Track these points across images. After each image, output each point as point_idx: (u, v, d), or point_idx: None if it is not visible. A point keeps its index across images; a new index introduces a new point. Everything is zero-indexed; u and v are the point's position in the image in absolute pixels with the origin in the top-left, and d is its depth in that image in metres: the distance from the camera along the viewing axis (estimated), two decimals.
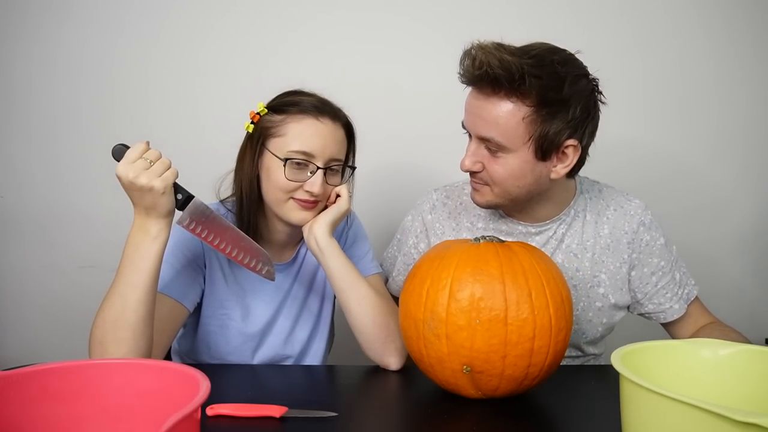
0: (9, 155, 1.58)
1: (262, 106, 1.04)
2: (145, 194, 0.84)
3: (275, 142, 1.00)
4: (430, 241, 1.17)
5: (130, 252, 0.87)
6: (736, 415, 0.45)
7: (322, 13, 1.56)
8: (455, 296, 0.81)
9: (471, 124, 0.99)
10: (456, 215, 1.17)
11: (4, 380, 0.56)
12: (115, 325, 0.85)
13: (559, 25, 1.54)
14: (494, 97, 0.94)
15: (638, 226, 1.10)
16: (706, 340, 0.69)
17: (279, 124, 1.00)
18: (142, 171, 0.83)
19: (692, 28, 1.60)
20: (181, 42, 1.57)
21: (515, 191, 1.01)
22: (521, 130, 0.95)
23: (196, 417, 0.50)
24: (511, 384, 0.83)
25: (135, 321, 0.85)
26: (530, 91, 0.92)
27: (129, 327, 0.85)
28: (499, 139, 0.95)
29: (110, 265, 1.58)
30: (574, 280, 1.09)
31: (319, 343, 1.14)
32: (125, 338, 0.85)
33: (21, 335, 1.62)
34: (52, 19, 1.55)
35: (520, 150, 0.96)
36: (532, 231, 1.11)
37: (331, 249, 1.01)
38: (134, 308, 0.85)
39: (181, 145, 1.38)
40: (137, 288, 0.86)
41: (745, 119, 1.63)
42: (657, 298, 1.11)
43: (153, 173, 0.83)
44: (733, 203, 1.65)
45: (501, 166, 0.98)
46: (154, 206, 0.85)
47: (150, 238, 0.86)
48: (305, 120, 1.00)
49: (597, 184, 1.18)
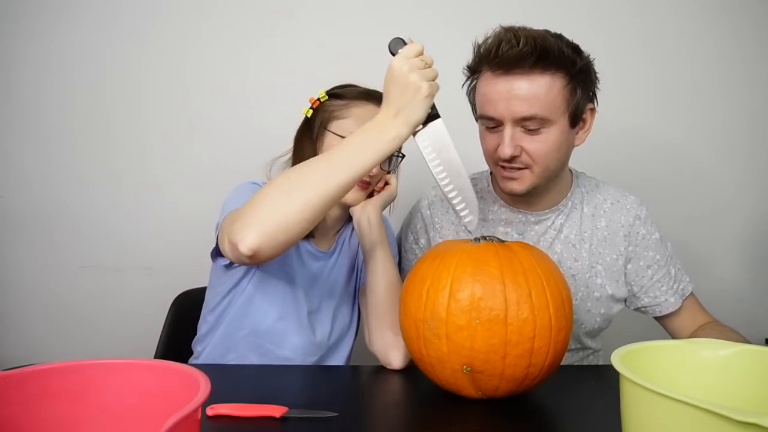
0: (9, 155, 1.58)
1: (324, 92, 1.13)
2: (408, 91, 0.82)
3: (338, 124, 1.08)
4: (430, 235, 1.19)
5: (357, 140, 0.83)
6: (736, 415, 0.45)
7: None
8: (455, 296, 0.81)
9: (505, 109, 0.99)
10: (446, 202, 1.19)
11: (5, 380, 0.56)
12: (293, 191, 0.81)
13: (566, 22, 1.54)
14: (532, 75, 0.98)
15: (634, 219, 1.13)
16: (706, 340, 0.68)
17: (342, 108, 1.09)
18: (416, 69, 0.82)
19: (697, 27, 1.60)
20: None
21: (554, 165, 1.04)
22: (560, 101, 0.99)
23: (196, 417, 0.50)
24: (511, 384, 0.83)
25: (307, 204, 0.80)
26: (563, 62, 0.98)
27: (301, 204, 0.80)
28: (542, 114, 0.98)
29: (110, 265, 1.61)
30: (573, 270, 1.11)
31: (351, 334, 1.19)
32: (291, 210, 0.80)
33: (21, 335, 1.62)
34: (52, 19, 1.56)
35: (559, 121, 1.00)
36: (532, 220, 1.14)
37: (380, 229, 1.08)
38: (320, 193, 0.81)
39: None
40: (340, 174, 0.81)
41: (748, 118, 1.63)
42: (653, 291, 1.13)
43: (425, 74, 0.82)
44: (734, 203, 1.65)
45: (542, 142, 1.00)
46: (409, 107, 0.82)
47: (385, 138, 0.83)
48: (367, 105, 1.09)
49: (593, 179, 1.21)
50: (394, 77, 0.82)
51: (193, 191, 1.59)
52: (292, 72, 1.56)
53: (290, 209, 0.80)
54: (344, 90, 1.13)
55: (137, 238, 1.60)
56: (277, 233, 0.80)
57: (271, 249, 0.82)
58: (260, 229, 0.80)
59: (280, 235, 0.81)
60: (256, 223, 0.80)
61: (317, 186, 0.81)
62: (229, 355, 1.09)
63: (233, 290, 1.08)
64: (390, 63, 0.83)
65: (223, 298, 1.08)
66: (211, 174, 1.59)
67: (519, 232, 1.15)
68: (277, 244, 0.82)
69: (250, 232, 0.80)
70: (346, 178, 0.82)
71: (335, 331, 1.15)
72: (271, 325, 1.07)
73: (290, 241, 0.83)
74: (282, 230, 0.81)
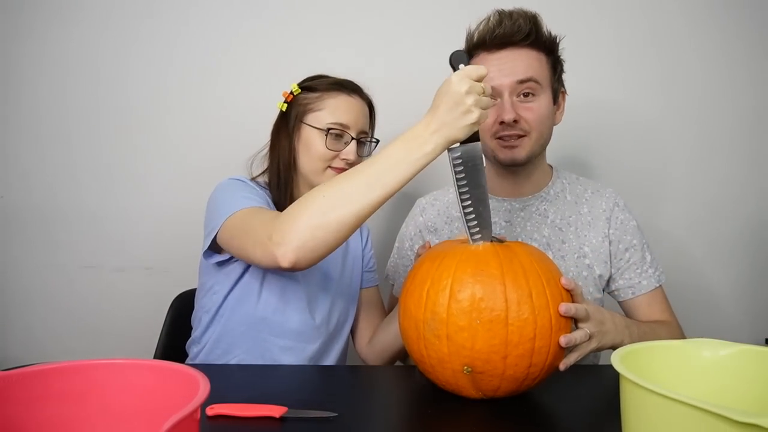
0: (9, 155, 1.58)
1: (296, 86, 1.15)
2: (458, 110, 0.80)
3: (314, 116, 1.11)
4: (425, 240, 1.24)
5: (394, 153, 0.82)
6: (736, 415, 0.45)
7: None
8: (456, 297, 0.81)
9: (505, 77, 1.09)
10: (445, 209, 1.26)
11: (5, 380, 0.56)
12: (330, 210, 0.83)
13: (571, 21, 1.54)
14: (523, 49, 1.09)
15: (613, 206, 1.20)
16: (706, 340, 0.68)
17: (316, 100, 1.12)
18: (475, 93, 0.80)
19: (702, 26, 1.60)
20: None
21: (546, 134, 1.14)
22: (546, 73, 1.12)
23: (196, 417, 0.50)
24: (511, 384, 0.83)
25: (342, 223, 0.83)
26: (546, 42, 1.11)
27: (337, 223, 0.83)
28: (537, 77, 1.09)
29: (112, 265, 1.61)
30: (562, 252, 1.16)
31: (350, 320, 1.22)
32: (328, 229, 0.83)
33: (22, 335, 1.62)
34: (53, 18, 1.56)
35: (546, 90, 1.12)
36: (517, 207, 1.20)
37: None
38: (355, 211, 0.83)
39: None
40: (375, 191, 0.82)
41: (751, 118, 1.63)
42: (628, 273, 1.17)
43: (481, 101, 0.81)
44: (734, 203, 1.65)
45: (536, 109, 1.10)
46: (452, 126, 0.80)
47: (423, 152, 0.81)
48: (340, 96, 1.12)
49: (573, 174, 1.27)
50: (449, 92, 0.80)
51: (194, 191, 1.59)
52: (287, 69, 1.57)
53: (326, 229, 0.84)
54: (316, 82, 1.15)
55: (137, 238, 1.60)
56: (314, 249, 0.85)
57: (308, 262, 0.87)
58: (299, 248, 0.84)
59: (317, 251, 0.85)
60: (295, 241, 0.84)
61: (352, 204, 0.83)
62: (230, 352, 1.10)
63: (235, 286, 1.08)
64: (450, 77, 0.81)
65: (223, 297, 1.09)
66: (211, 174, 1.58)
67: (506, 219, 1.20)
68: (314, 258, 0.87)
69: (290, 250, 0.85)
70: (380, 195, 0.83)
71: (334, 315, 1.17)
72: (271, 314, 1.08)
73: (327, 254, 0.87)
74: (318, 247, 0.85)
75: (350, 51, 1.58)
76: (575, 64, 1.19)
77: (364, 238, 1.29)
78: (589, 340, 0.89)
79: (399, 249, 1.31)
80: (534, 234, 1.17)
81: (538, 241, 1.17)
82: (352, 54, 1.57)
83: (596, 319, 0.90)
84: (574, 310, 0.84)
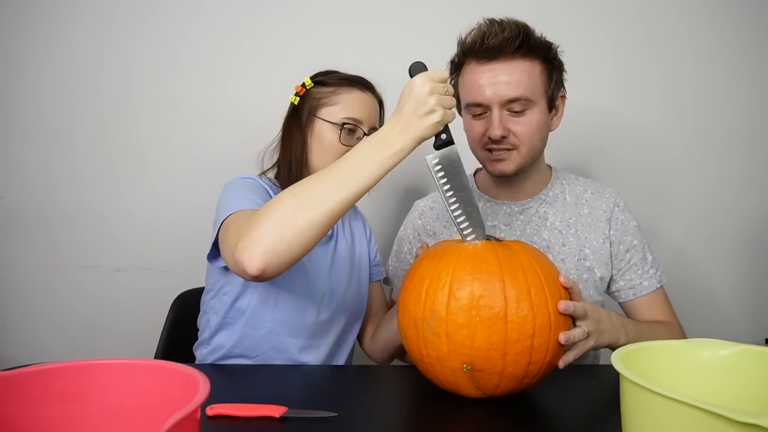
0: (9, 155, 1.58)
1: (309, 80, 1.15)
2: (421, 110, 0.82)
3: (327, 111, 1.11)
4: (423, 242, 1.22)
5: (361, 153, 0.83)
6: (736, 415, 0.45)
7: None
8: (455, 295, 0.81)
9: (493, 93, 1.07)
10: (444, 212, 1.25)
11: (5, 380, 0.56)
12: (299, 210, 0.81)
13: (568, 22, 1.54)
14: (514, 60, 1.07)
15: (614, 206, 1.19)
16: (706, 340, 0.68)
17: (330, 94, 1.12)
18: (437, 93, 0.82)
19: (699, 27, 1.60)
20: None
21: (538, 145, 1.13)
22: (540, 84, 1.09)
23: (196, 417, 0.50)
24: (511, 382, 0.83)
25: (313, 222, 0.81)
26: (540, 48, 1.08)
27: (307, 223, 0.81)
28: (528, 95, 1.07)
29: (111, 265, 1.61)
30: (562, 254, 1.15)
31: (360, 315, 1.22)
32: (297, 229, 0.81)
33: (22, 335, 1.62)
34: (52, 18, 1.56)
35: (539, 102, 1.09)
36: (516, 210, 1.19)
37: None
38: (326, 210, 0.82)
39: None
40: (344, 190, 0.82)
41: (749, 119, 1.63)
42: (629, 274, 1.17)
43: (443, 101, 0.83)
44: (734, 203, 1.65)
45: (527, 123, 1.09)
46: (417, 126, 0.82)
47: (390, 152, 0.83)
48: (354, 91, 1.12)
49: (572, 174, 1.26)
50: (413, 93, 0.82)
51: (194, 191, 1.59)
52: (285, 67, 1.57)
53: (295, 229, 0.81)
54: (328, 77, 1.15)
55: (137, 238, 1.60)
56: (283, 253, 0.82)
57: (277, 268, 0.83)
58: (266, 252, 0.81)
59: (286, 255, 0.82)
60: (262, 244, 0.81)
61: (322, 203, 0.82)
62: (245, 356, 1.09)
63: (248, 289, 1.06)
64: (413, 79, 0.83)
65: (234, 298, 1.07)
66: (212, 174, 1.58)
67: (505, 223, 1.20)
68: (283, 263, 0.83)
69: (256, 254, 0.81)
70: (350, 194, 0.83)
71: (345, 312, 1.16)
72: (291, 316, 1.07)
73: (296, 259, 0.84)
74: (287, 250, 0.82)
75: (359, 49, 1.57)
76: (573, 69, 1.18)
77: (367, 233, 1.28)
78: (587, 338, 0.89)
79: (397, 252, 1.31)
80: (534, 237, 1.17)
81: (538, 244, 1.16)
82: (362, 52, 1.57)
83: (594, 317, 0.91)
84: (573, 308, 0.84)
